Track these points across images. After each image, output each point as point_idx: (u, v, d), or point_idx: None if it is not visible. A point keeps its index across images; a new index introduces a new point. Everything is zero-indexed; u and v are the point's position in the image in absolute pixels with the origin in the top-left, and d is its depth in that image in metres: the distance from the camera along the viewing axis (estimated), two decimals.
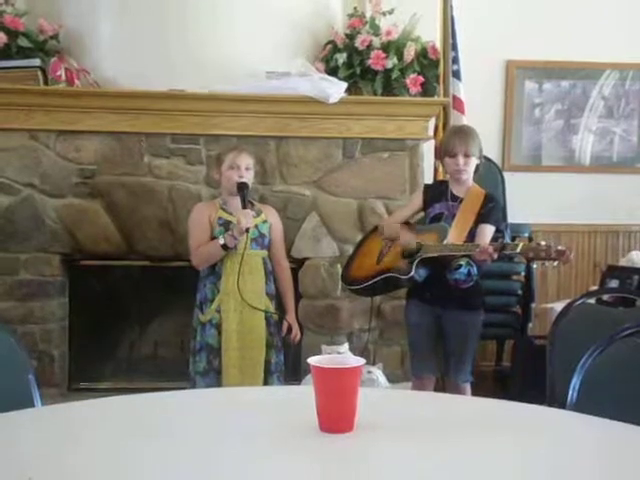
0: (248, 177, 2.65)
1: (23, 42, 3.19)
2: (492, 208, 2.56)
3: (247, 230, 2.54)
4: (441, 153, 2.69)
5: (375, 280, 2.61)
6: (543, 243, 2.23)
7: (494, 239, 2.51)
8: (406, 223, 2.72)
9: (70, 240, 3.24)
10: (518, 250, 2.27)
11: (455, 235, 2.47)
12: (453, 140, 2.58)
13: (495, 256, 2.32)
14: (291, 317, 2.78)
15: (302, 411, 1.21)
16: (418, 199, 2.71)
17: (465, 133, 2.61)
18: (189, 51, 3.21)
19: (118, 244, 3.26)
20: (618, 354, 1.51)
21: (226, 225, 2.61)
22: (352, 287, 2.78)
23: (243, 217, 2.54)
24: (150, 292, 3.49)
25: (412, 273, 2.46)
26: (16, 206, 3.19)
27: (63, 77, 3.13)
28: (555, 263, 2.20)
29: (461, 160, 2.54)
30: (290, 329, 2.76)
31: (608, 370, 1.50)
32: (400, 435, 1.19)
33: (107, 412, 1.35)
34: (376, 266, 2.63)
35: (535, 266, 2.28)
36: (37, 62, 3.15)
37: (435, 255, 2.45)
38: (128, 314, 3.50)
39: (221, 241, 2.56)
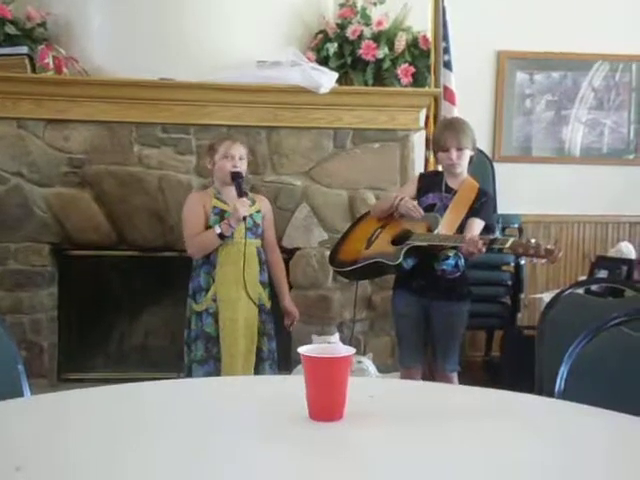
0: (242, 167, 2.65)
1: (10, 29, 3.16)
2: (484, 203, 2.56)
3: (244, 219, 2.55)
4: (434, 147, 2.68)
5: (362, 264, 2.61)
6: (533, 241, 2.23)
7: (483, 233, 2.51)
8: None
9: (59, 230, 3.22)
10: (507, 245, 2.27)
11: (446, 226, 2.48)
12: (444, 134, 2.58)
13: (484, 250, 2.33)
14: (288, 302, 2.81)
15: (292, 400, 1.22)
16: (412, 187, 2.70)
17: (456, 126, 2.60)
18: (179, 40, 3.18)
19: (108, 234, 3.25)
20: (606, 343, 1.53)
21: (221, 214, 2.61)
22: (339, 269, 2.78)
23: (240, 206, 2.54)
24: (140, 282, 3.49)
25: (400, 260, 2.46)
26: (4, 195, 3.17)
27: (51, 65, 3.10)
28: (543, 261, 2.21)
29: (454, 154, 2.54)
30: (289, 316, 2.81)
31: (596, 359, 1.51)
32: (389, 423, 1.20)
33: (96, 402, 1.34)
34: (365, 251, 2.63)
35: (523, 262, 2.29)
36: (24, 50, 3.12)
37: (424, 244, 2.45)
38: (118, 304, 3.49)
39: (217, 230, 2.56)
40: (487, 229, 2.55)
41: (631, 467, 1.05)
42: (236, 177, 2.60)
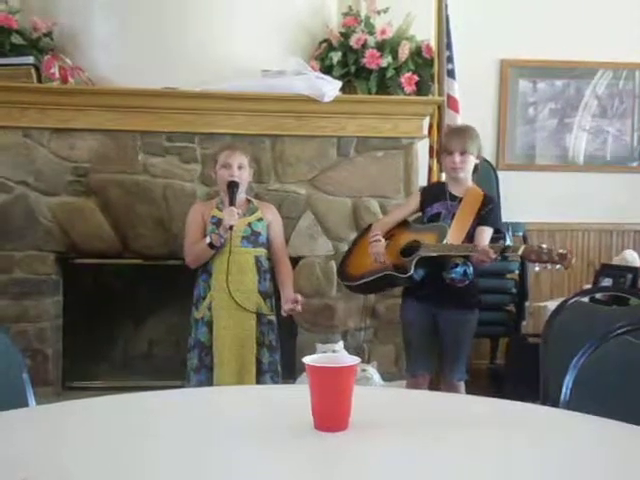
0: (241, 176, 2.64)
1: (16, 39, 3.18)
2: (491, 210, 2.57)
3: (230, 228, 2.54)
4: (440, 151, 2.70)
5: (373, 278, 2.61)
6: (545, 246, 2.23)
7: (494, 240, 2.52)
8: (403, 222, 2.72)
9: (64, 238, 3.23)
10: (520, 253, 2.27)
11: (454, 235, 2.48)
12: (450, 138, 2.61)
13: (495, 257, 2.33)
14: (289, 292, 2.64)
15: (297, 409, 1.22)
16: (415, 200, 2.71)
17: (463, 131, 2.63)
18: (184, 49, 3.20)
19: (112, 242, 3.26)
20: (611, 352, 1.52)
21: (219, 223, 2.61)
22: (349, 284, 2.78)
23: (227, 215, 2.55)
24: (144, 290, 3.49)
25: (411, 272, 2.46)
26: (10, 204, 3.18)
27: (57, 75, 3.12)
28: (558, 266, 2.21)
29: (457, 158, 2.55)
30: (291, 301, 2.61)
31: (601, 368, 1.50)
32: (394, 433, 1.19)
33: (101, 411, 1.35)
34: (374, 264, 2.63)
35: (537, 269, 2.27)
36: (31, 60, 3.14)
37: (434, 255, 2.45)
38: (122, 312, 3.49)
39: (207, 240, 2.57)
40: (497, 234, 2.55)
41: (635, 479, 1.05)
42: (231, 186, 2.61)
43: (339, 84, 3.24)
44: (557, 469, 1.06)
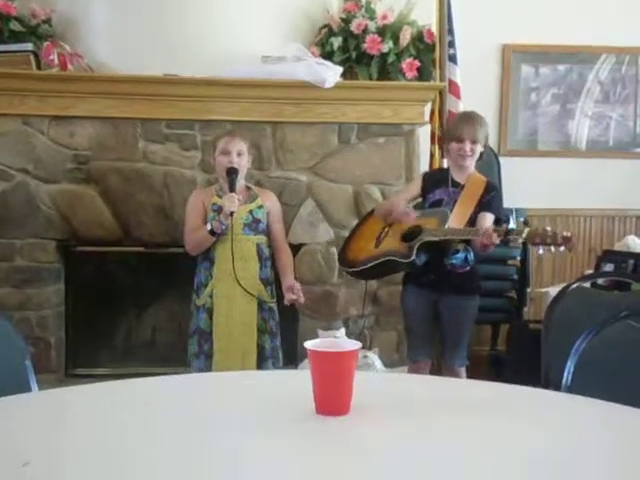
0: (240, 162, 2.64)
1: (15, 26, 3.17)
2: (493, 197, 2.57)
3: (231, 214, 2.54)
4: (447, 137, 2.69)
5: (374, 263, 2.61)
6: (549, 229, 2.23)
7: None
8: None
9: (65, 226, 3.23)
10: (524, 236, 2.26)
11: (456, 221, 2.47)
12: (461, 126, 2.59)
13: (498, 241, 2.32)
14: (290, 280, 2.64)
15: (299, 394, 1.22)
16: (416, 186, 2.70)
17: (474, 119, 2.61)
18: (184, 35, 3.18)
19: (113, 230, 3.25)
20: (612, 337, 1.52)
21: (219, 210, 2.61)
22: (349, 270, 2.78)
23: (227, 201, 2.55)
24: (146, 278, 3.49)
25: (413, 257, 2.45)
26: (10, 192, 3.18)
27: (56, 62, 3.10)
28: (562, 248, 2.21)
29: (468, 146, 2.55)
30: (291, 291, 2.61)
31: (602, 353, 1.51)
32: (395, 418, 1.20)
33: (103, 397, 1.35)
34: (375, 249, 2.62)
35: (541, 252, 2.26)
36: (29, 46, 3.12)
37: (436, 239, 2.45)
38: (124, 300, 3.50)
39: (208, 227, 2.57)
40: (498, 223, 2.55)
41: (638, 460, 1.05)
42: (230, 173, 2.60)
43: (340, 70, 3.22)
44: (560, 451, 1.06)
